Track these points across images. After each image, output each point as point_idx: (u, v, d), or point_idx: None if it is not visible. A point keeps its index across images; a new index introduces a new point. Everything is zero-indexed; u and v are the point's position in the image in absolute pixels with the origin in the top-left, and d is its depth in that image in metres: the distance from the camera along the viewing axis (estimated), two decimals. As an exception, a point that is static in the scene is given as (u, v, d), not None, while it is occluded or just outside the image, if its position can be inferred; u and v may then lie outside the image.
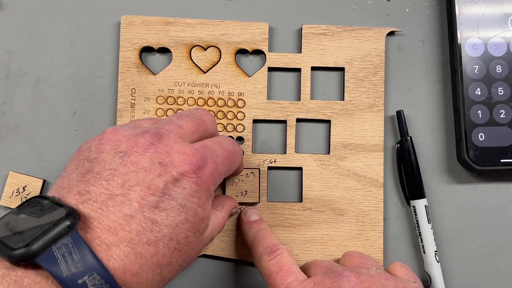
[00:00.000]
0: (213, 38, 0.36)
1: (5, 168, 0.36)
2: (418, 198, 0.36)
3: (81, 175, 0.24)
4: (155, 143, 0.25)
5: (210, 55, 0.36)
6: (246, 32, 0.37)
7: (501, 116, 0.36)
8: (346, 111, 0.37)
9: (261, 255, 0.31)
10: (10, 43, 0.37)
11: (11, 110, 0.37)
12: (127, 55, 0.36)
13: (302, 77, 0.37)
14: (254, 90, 0.37)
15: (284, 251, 0.31)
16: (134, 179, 0.24)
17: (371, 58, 0.37)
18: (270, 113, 0.37)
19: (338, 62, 0.37)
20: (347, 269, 0.29)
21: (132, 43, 0.36)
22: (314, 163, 0.37)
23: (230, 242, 0.36)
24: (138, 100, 0.36)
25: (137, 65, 0.36)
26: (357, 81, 0.37)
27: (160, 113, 0.36)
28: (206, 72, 0.36)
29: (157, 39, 0.36)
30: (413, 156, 0.37)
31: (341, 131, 0.37)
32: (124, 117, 0.36)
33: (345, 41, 0.37)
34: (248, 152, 0.36)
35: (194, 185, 0.25)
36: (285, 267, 0.30)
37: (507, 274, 0.38)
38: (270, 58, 0.37)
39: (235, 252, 0.36)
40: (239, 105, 0.36)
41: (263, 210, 0.36)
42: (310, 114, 0.37)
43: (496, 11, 0.37)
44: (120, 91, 0.36)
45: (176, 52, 0.36)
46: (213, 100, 0.36)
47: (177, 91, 0.36)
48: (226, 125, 0.36)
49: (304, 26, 0.37)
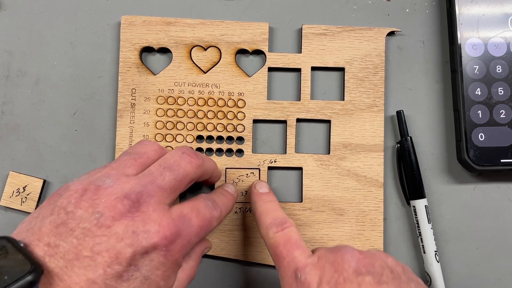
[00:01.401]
0: (213, 38, 0.36)
1: (5, 168, 0.36)
2: (418, 198, 0.36)
3: (55, 225, 0.24)
4: (133, 211, 0.25)
5: (210, 55, 0.36)
6: (246, 32, 0.36)
7: (501, 116, 0.37)
8: (346, 111, 0.37)
9: (269, 226, 0.30)
10: (10, 43, 0.37)
11: (11, 110, 0.37)
12: (127, 55, 0.36)
13: (302, 77, 0.37)
14: (254, 90, 0.36)
15: (293, 226, 0.30)
16: (104, 244, 0.24)
17: (371, 58, 0.37)
18: (270, 113, 0.37)
19: (338, 62, 0.37)
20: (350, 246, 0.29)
21: (132, 43, 0.36)
22: (314, 163, 0.36)
23: (230, 242, 0.36)
24: (138, 100, 0.36)
25: (137, 65, 0.36)
26: (357, 81, 0.37)
27: (160, 113, 0.36)
28: (206, 72, 0.36)
29: (157, 39, 0.36)
30: (413, 156, 0.37)
31: (341, 131, 0.37)
32: (124, 117, 0.36)
33: (345, 41, 0.37)
34: (248, 152, 0.36)
35: (162, 258, 0.25)
36: (292, 240, 0.29)
37: (507, 274, 0.38)
38: (270, 58, 0.37)
39: (235, 252, 0.36)
40: (239, 105, 0.36)
41: None
42: (310, 114, 0.37)
43: (496, 11, 0.37)
44: (120, 91, 0.36)
45: (176, 52, 0.36)
46: (213, 100, 0.36)
47: (177, 91, 0.36)
48: (226, 125, 0.36)
49: (304, 26, 0.37)
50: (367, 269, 0.27)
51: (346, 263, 0.27)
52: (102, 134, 0.37)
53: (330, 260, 0.27)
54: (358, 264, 0.27)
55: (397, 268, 0.28)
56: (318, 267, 0.27)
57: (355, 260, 0.27)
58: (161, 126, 0.36)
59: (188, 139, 0.36)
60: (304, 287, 0.27)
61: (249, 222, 0.36)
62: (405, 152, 0.37)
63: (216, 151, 0.36)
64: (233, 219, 0.36)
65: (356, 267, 0.27)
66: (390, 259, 0.28)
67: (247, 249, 0.35)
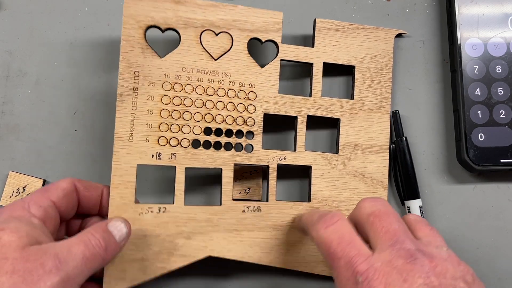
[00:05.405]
0: (225, 23, 0.34)
1: (5, 168, 0.36)
2: (413, 199, 0.36)
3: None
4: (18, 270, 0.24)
5: (221, 42, 0.34)
6: (259, 20, 0.34)
7: (501, 116, 0.37)
8: (355, 111, 0.36)
9: (317, 221, 0.28)
10: (10, 43, 0.37)
11: (11, 110, 0.37)
12: (131, 33, 0.32)
13: (314, 72, 0.35)
14: (266, 82, 0.34)
15: (343, 218, 0.28)
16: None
17: (380, 59, 0.36)
18: (282, 107, 0.35)
19: (349, 60, 0.36)
20: (419, 249, 0.26)
21: (137, 20, 0.32)
22: (323, 162, 0.35)
23: (237, 243, 0.34)
24: (141, 85, 0.32)
25: (141, 46, 0.32)
26: (366, 80, 0.36)
27: (165, 100, 0.33)
28: (216, 59, 0.34)
29: (164, 18, 0.33)
30: (408, 157, 0.37)
31: (350, 131, 0.36)
32: (125, 103, 0.32)
33: (357, 39, 0.36)
34: (258, 147, 0.34)
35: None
36: (346, 237, 0.26)
37: (507, 274, 0.38)
38: (283, 50, 0.35)
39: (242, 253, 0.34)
40: (250, 97, 0.34)
41: (272, 210, 0.34)
42: (321, 111, 0.35)
43: (496, 11, 0.37)
44: (121, 73, 0.32)
45: (185, 35, 0.33)
46: (223, 90, 0.34)
47: (185, 77, 0.33)
48: (236, 117, 0.34)
49: (317, 20, 0.36)
50: (439, 281, 0.24)
51: (416, 273, 0.24)
52: (102, 134, 0.37)
53: (397, 266, 0.25)
54: (429, 274, 0.24)
55: (468, 277, 0.25)
56: (383, 273, 0.24)
57: (426, 270, 0.24)
58: (166, 114, 0.33)
59: (196, 130, 0.33)
60: None
61: (257, 222, 0.34)
62: (400, 152, 0.37)
63: (224, 145, 0.34)
64: (240, 218, 0.34)
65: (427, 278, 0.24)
66: (462, 266, 0.26)
67: (255, 250, 0.34)
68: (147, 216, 0.32)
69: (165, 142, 0.33)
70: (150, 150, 0.32)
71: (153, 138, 0.32)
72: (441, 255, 0.26)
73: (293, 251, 0.34)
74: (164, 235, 0.32)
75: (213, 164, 0.33)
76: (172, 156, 0.33)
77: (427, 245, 0.27)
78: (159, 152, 0.33)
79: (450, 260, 0.25)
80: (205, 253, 0.33)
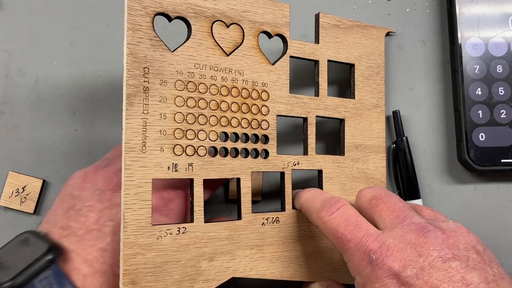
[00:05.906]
0: (236, 13, 0.30)
1: (4, 168, 0.36)
2: (414, 199, 0.36)
3: (65, 210, 0.29)
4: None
5: (233, 34, 0.31)
6: (268, 11, 0.32)
7: (501, 116, 0.36)
8: (356, 111, 0.35)
9: (321, 209, 0.28)
10: (10, 43, 0.37)
11: (11, 110, 0.37)
12: (137, 21, 0.27)
13: (320, 70, 0.34)
14: (277, 81, 0.32)
15: (346, 203, 0.28)
16: (107, 215, 0.28)
17: (375, 57, 0.36)
18: (293, 108, 0.32)
19: (349, 58, 0.35)
20: (429, 222, 0.26)
21: (143, 5, 0.27)
22: (332, 165, 0.34)
23: (258, 259, 0.31)
24: (152, 84, 0.27)
25: (150, 37, 0.27)
26: (364, 79, 0.36)
27: (179, 102, 0.28)
28: (229, 55, 0.30)
29: (173, 4, 0.28)
30: (408, 157, 0.36)
31: (353, 131, 0.35)
32: (136, 106, 0.27)
33: (355, 36, 0.35)
34: (273, 152, 0.31)
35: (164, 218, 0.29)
36: (352, 220, 0.26)
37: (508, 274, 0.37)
38: (292, 46, 0.32)
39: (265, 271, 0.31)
40: (263, 98, 0.31)
41: (289, 220, 0.32)
42: (328, 111, 0.34)
43: (497, 11, 0.37)
44: (129, 70, 0.27)
45: (196, 26, 0.29)
46: (237, 89, 0.30)
47: (198, 75, 0.29)
48: (251, 120, 0.31)
49: (321, 14, 0.34)
50: (453, 252, 0.24)
51: (431, 246, 0.24)
52: (102, 134, 0.37)
53: (410, 241, 0.24)
54: (443, 246, 0.24)
55: (479, 247, 0.25)
56: (397, 249, 0.24)
57: (439, 242, 0.24)
58: (180, 119, 0.28)
59: (212, 136, 0.29)
60: (382, 270, 0.24)
61: (275, 235, 0.31)
62: (401, 152, 0.37)
63: (241, 152, 0.30)
64: (260, 232, 0.31)
65: (441, 250, 0.24)
66: (472, 236, 0.26)
67: (276, 265, 0.31)
68: (166, 239, 0.27)
69: (181, 151, 0.28)
70: (166, 161, 0.28)
71: (168, 147, 0.28)
72: (450, 226, 0.26)
73: (310, 262, 0.33)
74: (185, 259, 0.28)
75: (231, 174, 0.30)
76: (189, 167, 0.28)
77: (435, 220, 0.27)
78: (175, 163, 0.28)
79: (459, 231, 0.25)
80: (229, 275, 0.30)
